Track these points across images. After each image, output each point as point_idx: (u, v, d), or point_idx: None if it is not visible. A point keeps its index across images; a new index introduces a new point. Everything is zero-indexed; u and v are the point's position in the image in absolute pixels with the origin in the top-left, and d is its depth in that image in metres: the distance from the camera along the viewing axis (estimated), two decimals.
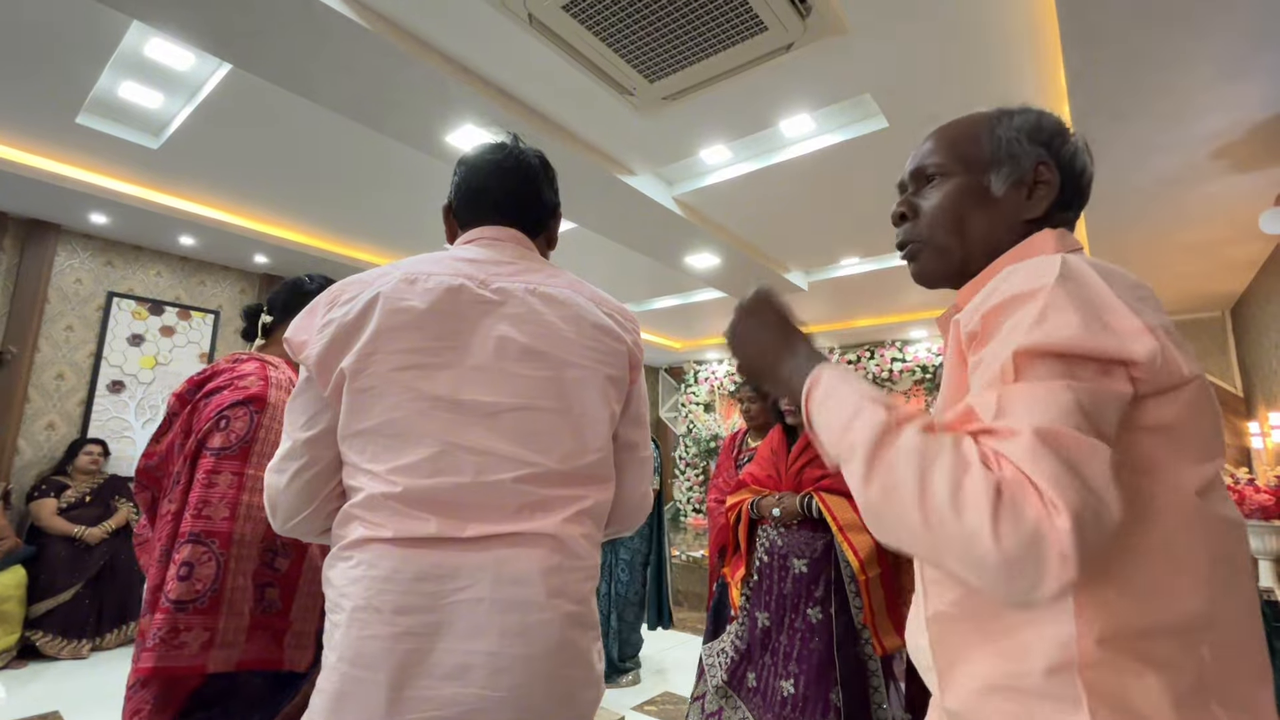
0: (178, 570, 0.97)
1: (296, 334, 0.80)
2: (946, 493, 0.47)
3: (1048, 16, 1.93)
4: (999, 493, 0.46)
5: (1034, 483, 0.46)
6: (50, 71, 2.44)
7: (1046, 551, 0.44)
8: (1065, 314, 0.51)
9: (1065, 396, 0.48)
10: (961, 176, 0.71)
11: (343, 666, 0.69)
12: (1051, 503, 0.45)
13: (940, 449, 0.49)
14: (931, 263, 0.73)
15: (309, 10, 1.85)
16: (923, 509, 0.48)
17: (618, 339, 0.88)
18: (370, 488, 0.74)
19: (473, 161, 0.93)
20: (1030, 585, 0.45)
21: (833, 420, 0.58)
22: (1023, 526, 0.44)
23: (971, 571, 0.47)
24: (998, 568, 0.45)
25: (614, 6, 1.89)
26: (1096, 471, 0.47)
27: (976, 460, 0.48)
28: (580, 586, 0.78)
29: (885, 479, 0.51)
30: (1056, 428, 0.47)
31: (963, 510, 0.46)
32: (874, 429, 0.53)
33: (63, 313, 3.92)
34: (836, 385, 0.60)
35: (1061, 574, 0.44)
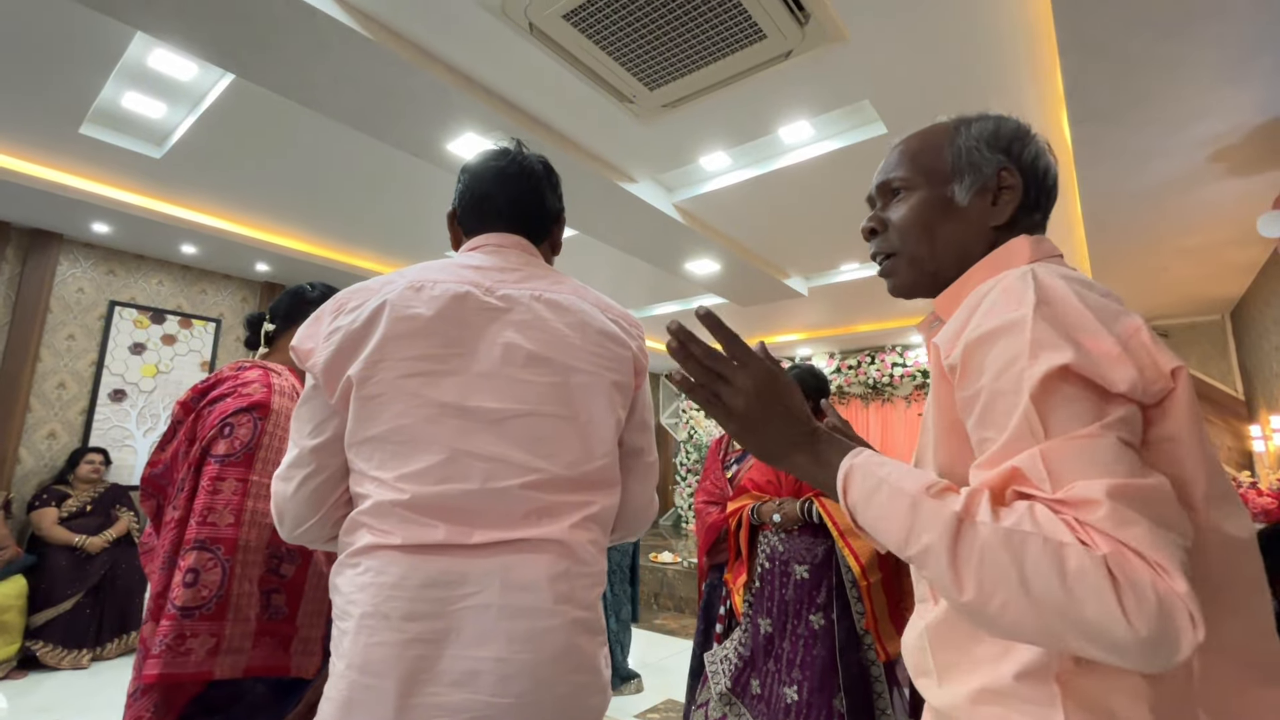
0: (183, 577, 0.98)
1: (303, 342, 0.80)
2: (1056, 582, 0.46)
3: (1044, 23, 1.94)
4: (1111, 574, 0.44)
5: (1135, 550, 0.45)
6: (55, 82, 2.46)
7: (1179, 620, 0.44)
8: (1059, 348, 0.50)
9: (1107, 442, 0.48)
10: (925, 189, 0.71)
11: (351, 674, 0.69)
12: (1161, 567, 0.44)
13: (1027, 535, 0.47)
14: (905, 276, 0.75)
15: (311, 20, 1.87)
16: (1034, 605, 0.47)
17: (623, 345, 0.88)
18: (378, 495, 0.74)
19: (476, 169, 0.94)
20: (1170, 653, 0.44)
21: (887, 524, 0.55)
22: (1147, 603, 0.44)
23: (1109, 656, 0.46)
24: (1139, 648, 0.44)
25: (614, 15, 1.90)
26: (1174, 513, 0.47)
27: (1070, 539, 0.46)
28: (587, 592, 0.78)
29: (980, 582, 0.49)
30: (1121, 483, 0.47)
31: (1082, 600, 0.45)
32: (944, 528, 0.50)
33: (65, 322, 3.93)
34: (876, 480, 0.57)
35: (1197, 634, 0.44)
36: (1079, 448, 0.48)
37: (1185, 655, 0.44)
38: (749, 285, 4.41)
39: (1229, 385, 4.61)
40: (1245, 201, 2.85)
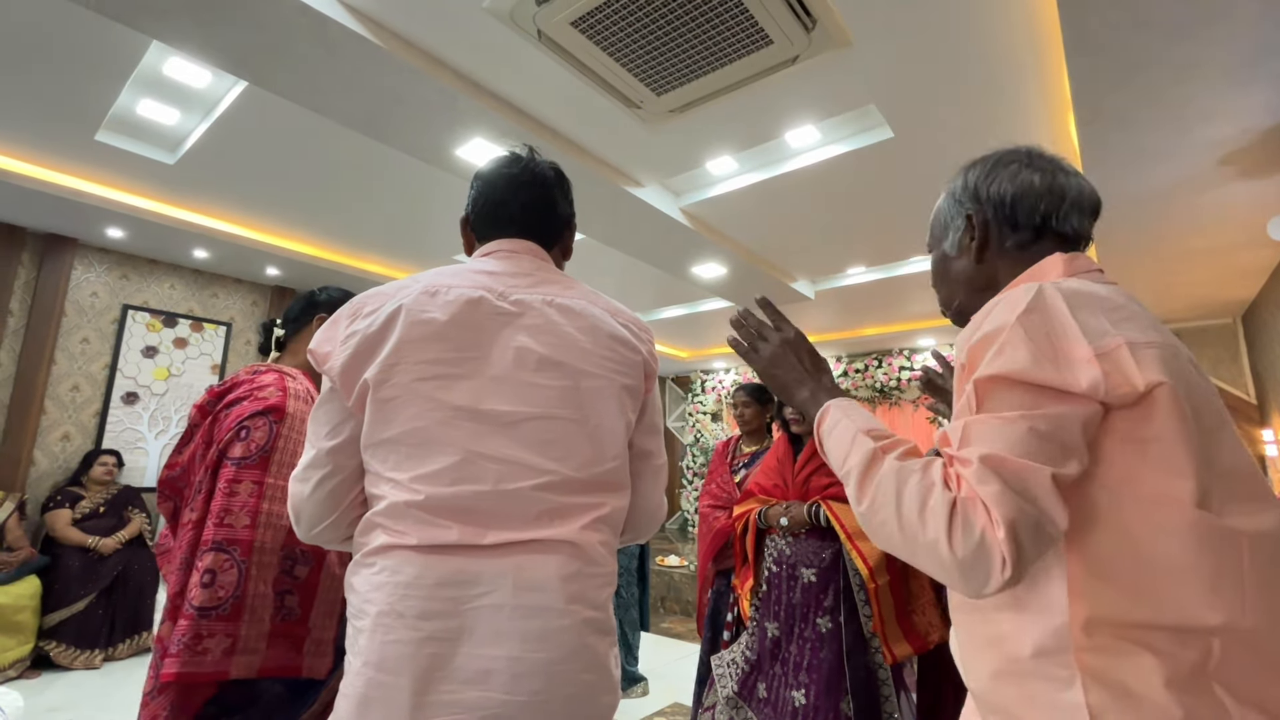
0: (201, 577, 0.99)
1: (320, 345, 0.81)
2: (915, 508, 0.59)
3: (1051, 26, 1.94)
4: (954, 509, 0.57)
5: (983, 502, 0.56)
6: (72, 90, 2.50)
7: (991, 557, 0.55)
8: (1017, 349, 0.60)
9: (1018, 426, 0.58)
10: (935, 251, 0.87)
11: (368, 671, 0.70)
12: (994, 519, 0.55)
13: (911, 472, 0.62)
14: (954, 318, 0.87)
15: (323, 28, 1.90)
16: (899, 521, 0.60)
17: (633, 349, 0.89)
18: (393, 496, 0.75)
19: (489, 175, 0.95)
20: (981, 582, 0.56)
21: (836, 448, 0.72)
22: (970, 537, 0.56)
23: (937, 571, 0.59)
24: (955, 568, 0.56)
25: (621, 22, 1.92)
26: (1036, 490, 0.56)
27: (939, 481, 0.59)
28: (598, 593, 0.79)
29: (872, 498, 0.64)
30: (1000, 454, 0.57)
31: (927, 523, 0.58)
32: (863, 456, 0.67)
33: (79, 325, 3.98)
34: (840, 418, 0.74)
35: (1003, 574, 0.55)
36: (992, 425, 0.59)
37: (995, 588, 0.56)
38: (755, 289, 4.42)
39: (1240, 389, 4.57)
40: (1255, 205, 2.83)
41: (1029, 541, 0.55)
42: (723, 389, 7.52)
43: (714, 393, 7.60)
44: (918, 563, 0.60)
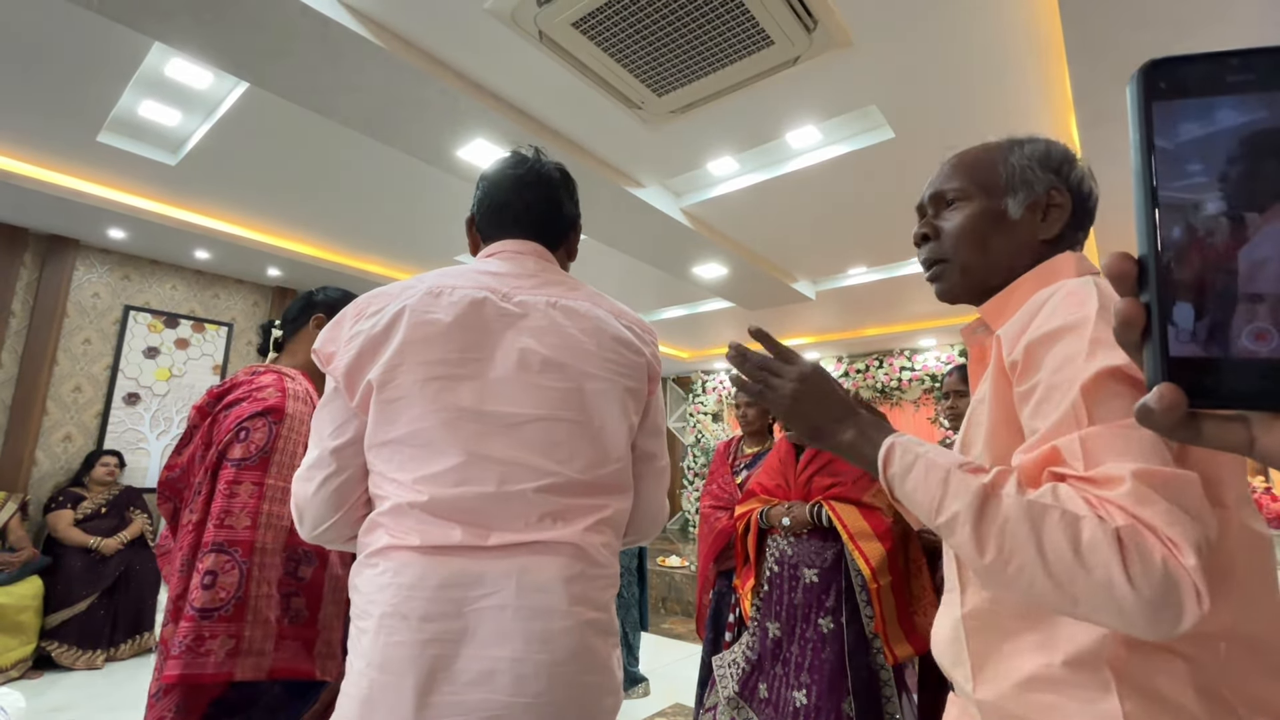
0: (201, 579, 0.99)
1: (325, 345, 0.81)
2: (1069, 550, 0.49)
3: (1052, 26, 1.94)
4: (1120, 541, 0.48)
5: (1150, 525, 0.48)
6: (74, 92, 2.51)
7: (1182, 590, 0.47)
8: (1114, 349, 0.53)
9: (1143, 433, 0.51)
10: (980, 200, 0.76)
11: (371, 672, 0.70)
12: (1172, 542, 0.47)
13: (1046, 507, 0.51)
14: (955, 281, 0.78)
15: (325, 29, 1.90)
16: (1048, 570, 0.50)
17: (637, 352, 0.89)
18: (396, 496, 0.75)
19: (495, 176, 0.95)
20: (1173, 621, 0.47)
21: (922, 494, 0.60)
22: (1153, 570, 0.47)
23: (1114, 620, 0.49)
24: (1140, 612, 0.47)
25: (622, 23, 1.92)
26: (1199, 503, 0.50)
27: (1087, 512, 0.50)
28: (601, 594, 0.79)
29: (999, 545, 0.53)
30: (1152, 468, 0.50)
31: (1092, 565, 0.48)
32: (972, 498, 0.55)
33: (81, 326, 3.99)
34: (914, 458, 0.62)
35: (1199, 607, 0.47)
36: (1117, 434, 0.52)
37: (1188, 624, 0.47)
38: (756, 289, 4.42)
39: None
40: None
41: (1205, 561, 0.48)
42: (724, 389, 7.52)
43: (715, 393, 7.60)
44: (1080, 612, 0.51)
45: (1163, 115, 0.26)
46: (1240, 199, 0.25)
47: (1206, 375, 0.24)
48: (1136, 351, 0.27)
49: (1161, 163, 0.26)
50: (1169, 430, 0.25)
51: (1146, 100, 0.26)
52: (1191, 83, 0.26)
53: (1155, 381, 0.25)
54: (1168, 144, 0.26)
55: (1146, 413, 0.25)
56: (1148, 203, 0.26)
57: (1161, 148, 0.26)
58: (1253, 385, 0.24)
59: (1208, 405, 0.24)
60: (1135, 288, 0.26)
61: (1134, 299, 0.26)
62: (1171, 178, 0.26)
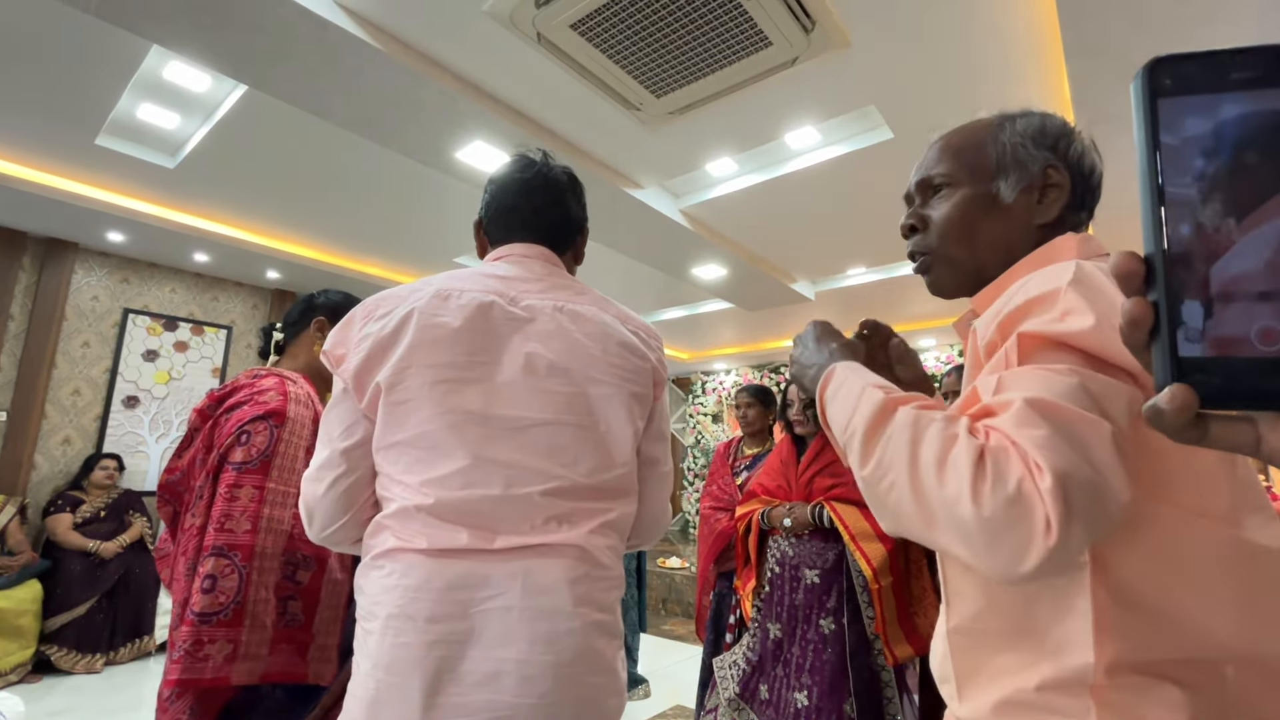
0: (201, 583, 0.99)
1: (334, 347, 0.82)
2: (933, 462, 0.47)
3: (1050, 28, 1.95)
4: (981, 456, 0.45)
5: (1019, 446, 0.44)
6: (73, 95, 2.51)
7: (1032, 515, 0.42)
8: (1082, 315, 0.50)
9: (1068, 379, 0.47)
10: (969, 185, 0.70)
11: (378, 673, 0.70)
12: (1035, 465, 0.43)
13: (930, 423, 0.50)
14: (946, 274, 0.73)
15: (323, 32, 1.90)
16: (913, 480, 0.48)
17: (642, 356, 0.89)
18: (403, 499, 0.76)
19: (502, 179, 0.95)
20: (1015, 552, 0.43)
21: (839, 411, 0.60)
22: (1003, 489, 0.43)
23: (958, 542, 0.46)
24: (980, 531, 0.44)
25: (621, 24, 1.92)
26: (1094, 444, 0.44)
27: (964, 431, 0.48)
28: (605, 595, 0.79)
29: (880, 456, 0.52)
30: (1052, 399, 0.46)
31: (947, 480, 0.46)
32: (872, 410, 0.54)
33: (80, 329, 3.98)
34: (847, 376, 0.62)
35: (1046, 540, 0.42)
36: (1036, 374, 0.48)
37: (1034, 561, 0.42)
38: (755, 290, 4.42)
39: None
40: None
41: (1084, 507, 0.42)
42: (723, 390, 7.52)
43: (714, 394, 7.60)
44: (934, 537, 0.47)
45: (1168, 112, 0.26)
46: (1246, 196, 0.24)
47: (1216, 375, 0.24)
48: (1144, 352, 0.26)
49: (1167, 160, 0.26)
50: (1178, 432, 0.25)
51: (1151, 97, 0.26)
52: (1196, 80, 0.26)
53: (1165, 382, 0.25)
54: (1173, 141, 0.26)
55: (1157, 414, 0.25)
56: (1154, 200, 0.26)
57: (1167, 145, 0.26)
58: (1262, 385, 0.23)
59: (1217, 406, 0.24)
60: (1143, 287, 0.26)
61: (1142, 298, 0.26)
62: (1177, 175, 0.25)
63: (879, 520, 0.55)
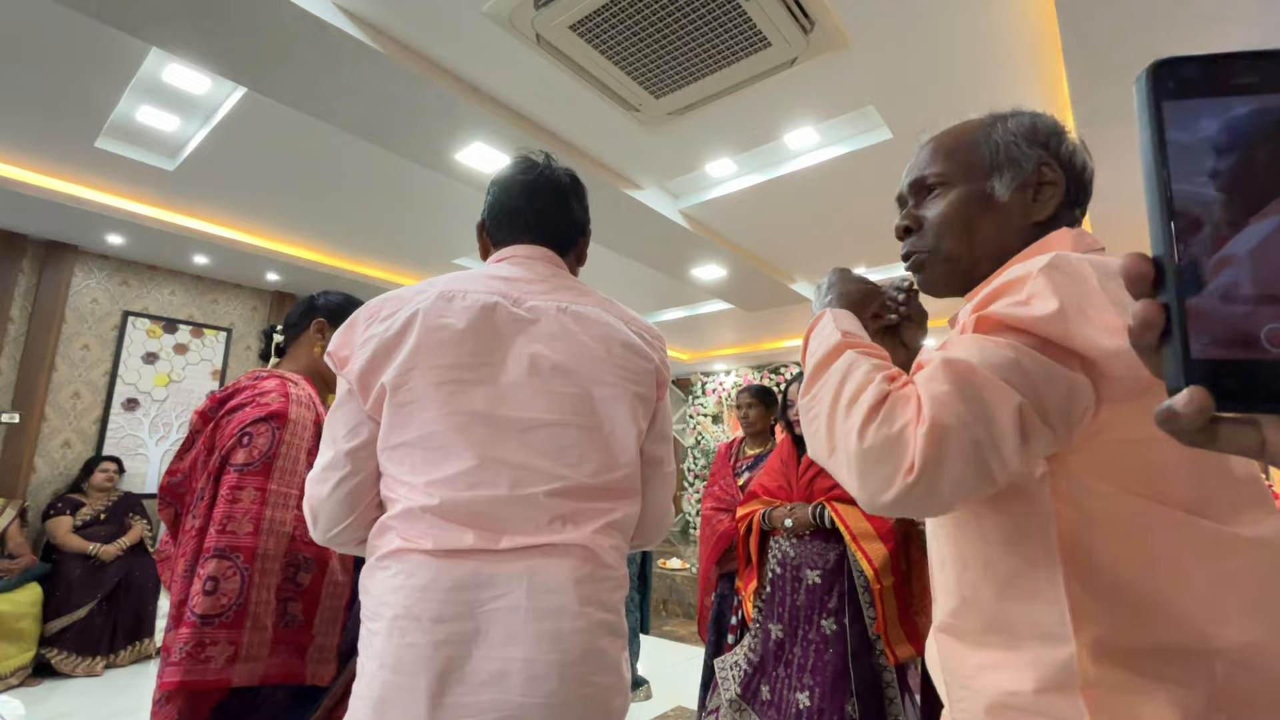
0: (203, 585, 0.99)
1: (339, 349, 0.82)
2: (847, 398, 0.53)
3: (1049, 27, 1.95)
4: (883, 398, 0.50)
5: (920, 397, 0.48)
6: (72, 98, 2.51)
7: (900, 454, 0.46)
8: (1044, 300, 0.51)
9: (1003, 351, 0.49)
10: (963, 185, 0.70)
11: (384, 674, 0.70)
12: (921, 414, 0.47)
13: (860, 365, 0.55)
14: (939, 272, 0.73)
15: (322, 34, 1.90)
16: (829, 412, 0.54)
17: (646, 358, 0.90)
18: (408, 500, 0.76)
19: (505, 181, 0.95)
20: (879, 482, 0.48)
21: (810, 351, 0.64)
22: (887, 430, 0.48)
23: (842, 467, 0.51)
24: (857, 460, 0.49)
25: (619, 25, 1.92)
26: (994, 409, 0.47)
27: (881, 376, 0.52)
28: (610, 595, 0.80)
29: (816, 388, 0.58)
30: (969, 362, 0.48)
31: (851, 412, 0.51)
32: (827, 348, 0.60)
33: (79, 332, 3.98)
34: (827, 321, 0.66)
35: (905, 478, 0.46)
36: (976, 341, 0.51)
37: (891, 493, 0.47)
38: (755, 290, 4.42)
39: None
40: None
41: (956, 457, 0.46)
42: (724, 391, 7.51)
43: (715, 395, 7.60)
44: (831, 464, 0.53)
45: (1173, 114, 0.26)
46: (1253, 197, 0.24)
47: (1226, 377, 0.24)
48: (1153, 354, 0.26)
49: (1174, 161, 0.25)
50: (1191, 435, 0.25)
51: (1156, 99, 0.26)
52: (1200, 82, 0.26)
53: (1178, 384, 0.24)
54: (1179, 143, 0.26)
55: (1171, 416, 0.24)
56: (1162, 202, 0.25)
57: (1173, 147, 0.26)
58: (1271, 387, 0.23)
59: (1228, 408, 0.24)
60: (1152, 289, 0.26)
61: (1152, 300, 0.26)
62: (1184, 177, 0.25)
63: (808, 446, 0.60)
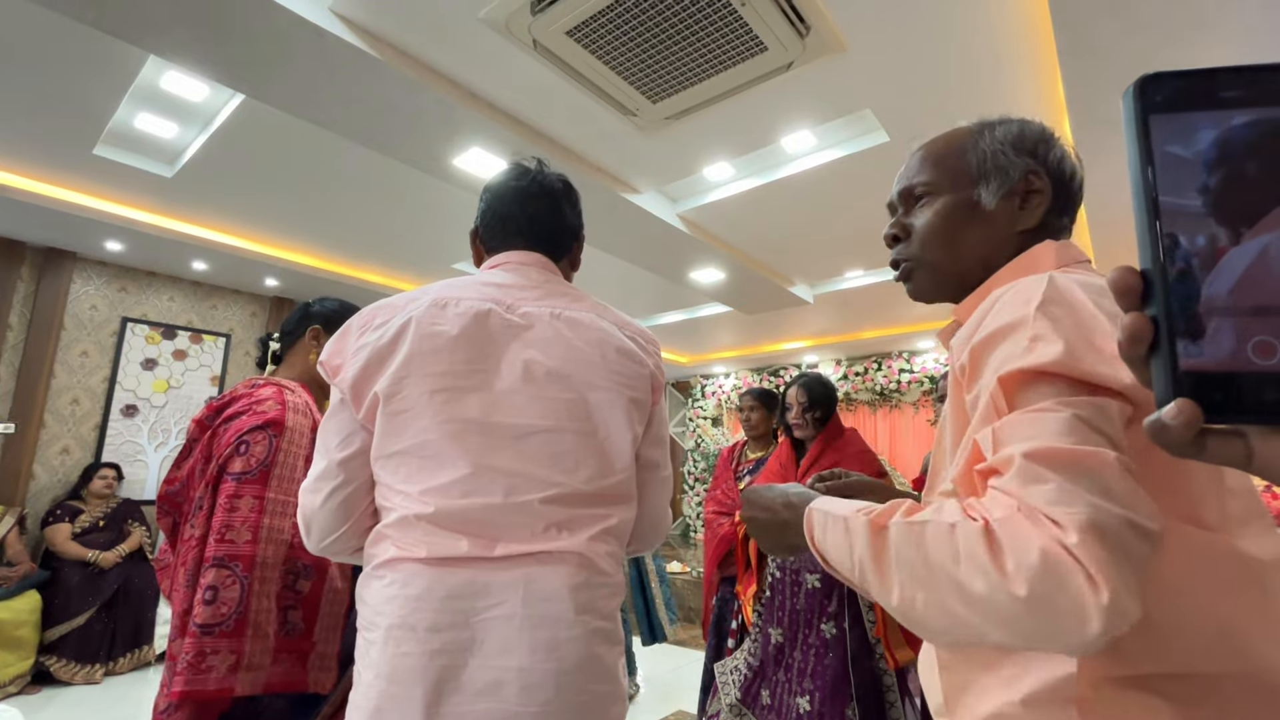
0: (203, 594, 0.99)
1: (331, 358, 0.82)
2: (950, 566, 0.43)
3: (1044, 30, 1.95)
4: (990, 536, 0.42)
5: (1031, 510, 0.42)
6: (70, 105, 2.51)
7: (1069, 579, 0.38)
8: (1051, 342, 0.49)
9: (1059, 415, 0.46)
10: (950, 193, 0.70)
11: (380, 683, 0.70)
12: (1055, 523, 0.40)
13: (924, 526, 0.47)
14: (925, 280, 0.73)
15: (319, 41, 1.91)
16: (941, 595, 0.45)
17: (640, 362, 0.89)
18: (403, 508, 0.76)
19: (497, 188, 0.95)
20: (1074, 625, 0.39)
21: (836, 553, 0.56)
22: (1027, 561, 0.39)
23: (1011, 633, 0.42)
24: (1027, 616, 0.40)
25: (616, 31, 1.93)
26: (1108, 477, 0.42)
27: (959, 515, 0.45)
28: (606, 602, 0.79)
29: (900, 583, 0.48)
30: (1049, 445, 0.44)
31: (971, 576, 0.42)
32: (866, 539, 0.51)
33: (78, 339, 3.98)
34: (825, 515, 0.58)
35: (1098, 598, 0.38)
36: (1029, 418, 0.47)
37: (1096, 625, 0.38)
38: (754, 293, 4.42)
39: None
40: None
41: (1123, 547, 0.39)
42: (723, 393, 7.51)
43: (714, 397, 7.60)
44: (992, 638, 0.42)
45: (1160, 128, 0.26)
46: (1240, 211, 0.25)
47: (1215, 389, 0.24)
48: (1142, 366, 0.26)
49: (1161, 175, 0.26)
50: (1181, 447, 0.25)
51: (1143, 113, 0.26)
52: (1188, 96, 0.26)
53: (1168, 397, 0.25)
54: (1166, 157, 0.26)
55: (1161, 429, 0.24)
56: (1150, 215, 0.26)
57: (1161, 160, 0.26)
58: (1260, 398, 0.24)
59: (1216, 420, 0.24)
60: (1140, 302, 0.26)
61: (1140, 313, 0.26)
62: (1172, 190, 0.26)
63: (934, 644, 0.54)
